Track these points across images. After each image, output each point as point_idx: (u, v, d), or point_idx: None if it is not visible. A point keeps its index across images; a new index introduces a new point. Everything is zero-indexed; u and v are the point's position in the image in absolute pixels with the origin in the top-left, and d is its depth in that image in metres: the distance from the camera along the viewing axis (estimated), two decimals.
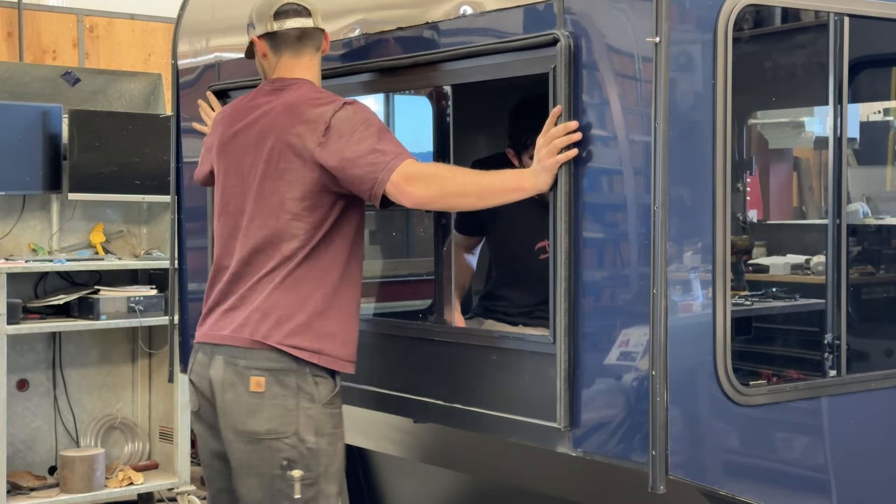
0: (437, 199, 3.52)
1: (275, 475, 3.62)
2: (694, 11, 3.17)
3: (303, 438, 3.60)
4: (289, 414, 3.60)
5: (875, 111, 6.62)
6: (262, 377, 3.60)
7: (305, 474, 3.61)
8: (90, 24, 8.43)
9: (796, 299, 4.77)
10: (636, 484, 3.17)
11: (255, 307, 3.64)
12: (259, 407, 3.61)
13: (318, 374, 3.63)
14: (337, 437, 3.69)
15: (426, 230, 4.65)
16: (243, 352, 3.63)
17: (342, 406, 3.73)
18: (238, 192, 3.74)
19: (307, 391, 3.61)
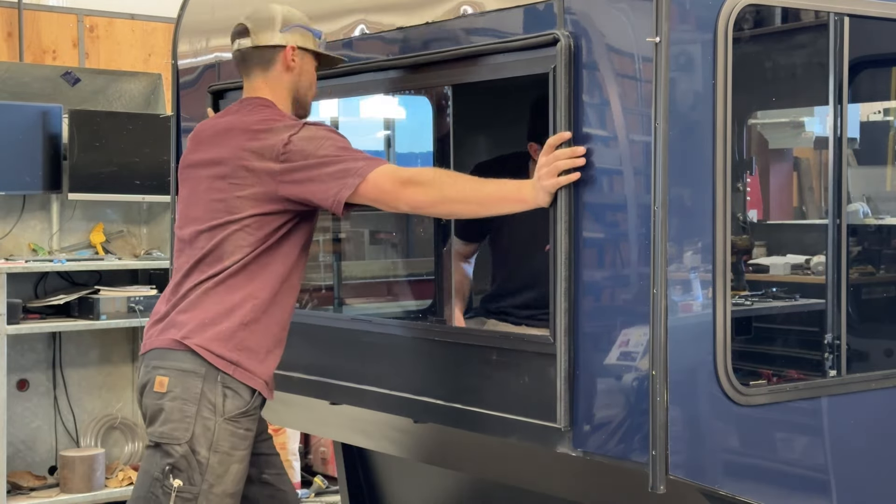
0: (436, 203, 3.47)
1: (155, 478, 3.53)
2: (694, 11, 3.17)
3: (195, 449, 3.50)
4: (186, 420, 3.51)
5: (875, 111, 6.62)
6: (166, 377, 3.53)
7: (185, 486, 3.49)
8: (90, 24, 8.43)
9: (796, 299, 4.77)
10: (636, 484, 3.17)
11: (182, 309, 3.59)
12: (158, 409, 3.54)
13: (230, 387, 3.53)
14: (232, 459, 3.54)
15: (426, 230, 4.65)
16: (161, 353, 3.58)
17: (249, 433, 3.59)
18: (191, 206, 3.71)
19: (211, 400, 3.51)
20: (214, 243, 3.59)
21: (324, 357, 4.30)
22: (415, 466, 4.78)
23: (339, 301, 4.88)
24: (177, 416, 3.51)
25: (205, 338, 3.53)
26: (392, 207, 3.55)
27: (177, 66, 4.89)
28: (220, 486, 3.53)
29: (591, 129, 3.29)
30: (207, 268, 3.59)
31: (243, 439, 3.58)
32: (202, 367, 3.53)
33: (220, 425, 3.52)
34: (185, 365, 3.54)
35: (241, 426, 3.56)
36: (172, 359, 3.56)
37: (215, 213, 3.61)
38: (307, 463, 7.52)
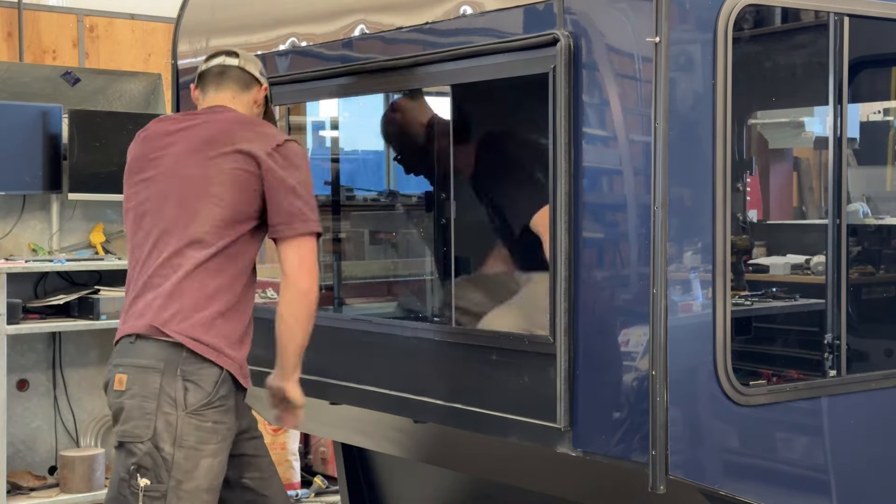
0: (311, 301, 3.69)
1: (122, 479, 3.50)
2: (694, 11, 3.17)
3: (158, 446, 3.47)
4: (146, 417, 3.48)
5: (875, 111, 6.62)
6: (125, 374, 3.53)
7: (152, 485, 3.46)
8: (90, 24, 8.42)
9: (796, 299, 4.77)
10: (636, 484, 3.17)
11: (157, 295, 3.60)
12: (119, 407, 3.54)
13: (190, 380, 3.50)
14: (201, 453, 3.50)
15: (426, 230, 4.65)
16: (123, 348, 3.59)
17: (220, 425, 3.55)
18: (164, 192, 3.70)
19: (170, 395, 3.48)
20: (196, 230, 3.60)
21: (324, 357, 4.30)
22: (415, 466, 4.78)
23: (339, 301, 4.88)
24: (137, 413, 3.49)
25: (187, 325, 3.53)
26: (290, 279, 3.65)
27: (177, 66, 4.89)
28: (190, 482, 3.48)
29: (591, 129, 3.29)
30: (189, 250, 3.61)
31: (212, 433, 3.52)
32: (160, 361, 3.50)
33: (183, 419, 3.47)
34: (143, 361, 3.51)
35: (206, 419, 3.50)
36: (132, 354, 3.54)
37: (199, 195, 3.63)
38: (307, 463, 7.52)
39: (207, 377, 3.52)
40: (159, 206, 3.66)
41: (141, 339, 3.55)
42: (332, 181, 5.00)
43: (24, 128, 6.65)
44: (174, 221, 3.62)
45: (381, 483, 5.09)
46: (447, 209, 4.14)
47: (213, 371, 3.53)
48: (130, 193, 3.79)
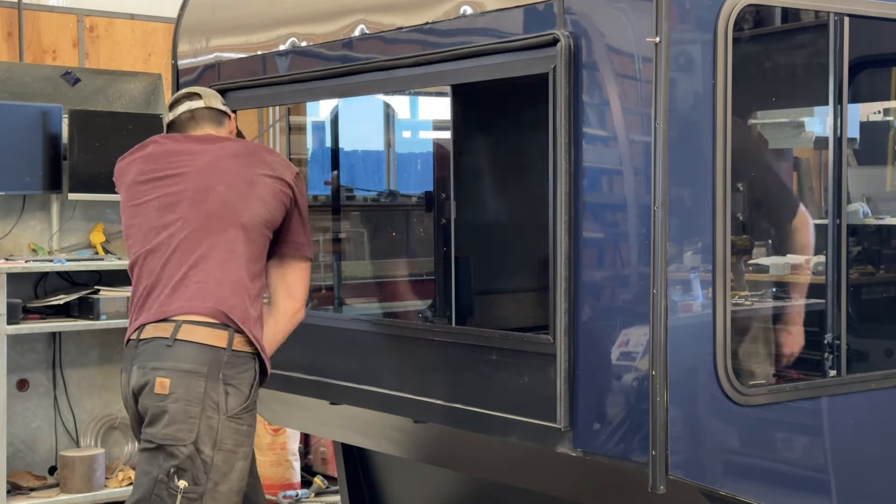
0: (298, 317, 3.89)
1: (160, 481, 3.53)
2: (694, 11, 3.17)
3: (199, 449, 3.53)
4: (190, 421, 3.53)
5: (875, 111, 6.61)
6: (167, 378, 3.55)
7: (190, 487, 3.51)
8: (90, 24, 8.42)
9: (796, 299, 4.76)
10: (636, 484, 3.17)
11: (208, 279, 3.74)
12: (161, 411, 3.55)
13: (231, 384, 3.58)
14: (237, 456, 3.58)
15: (426, 231, 4.65)
16: (157, 351, 3.65)
17: (253, 429, 3.64)
18: (207, 182, 3.76)
19: (214, 399, 3.54)
20: (238, 234, 3.72)
21: (324, 357, 4.30)
22: (415, 466, 4.78)
23: (339, 301, 4.88)
24: (181, 417, 3.53)
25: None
26: (290, 286, 3.86)
27: (177, 66, 4.89)
28: (225, 483, 3.55)
29: (591, 129, 3.29)
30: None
31: (247, 436, 3.60)
32: (203, 366, 3.54)
33: (224, 423, 3.54)
34: (186, 365, 3.54)
35: (243, 422, 3.59)
36: (171, 358, 3.56)
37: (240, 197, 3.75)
38: (307, 463, 7.52)
39: (246, 381, 3.61)
40: (202, 194, 3.74)
41: (179, 342, 3.59)
42: (332, 181, 5.00)
43: (24, 128, 6.65)
44: (224, 206, 3.71)
45: (381, 483, 5.09)
46: (447, 209, 4.14)
47: (249, 374, 3.63)
48: (146, 189, 3.83)
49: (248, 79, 4.38)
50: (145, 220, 3.77)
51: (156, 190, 3.78)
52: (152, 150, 3.89)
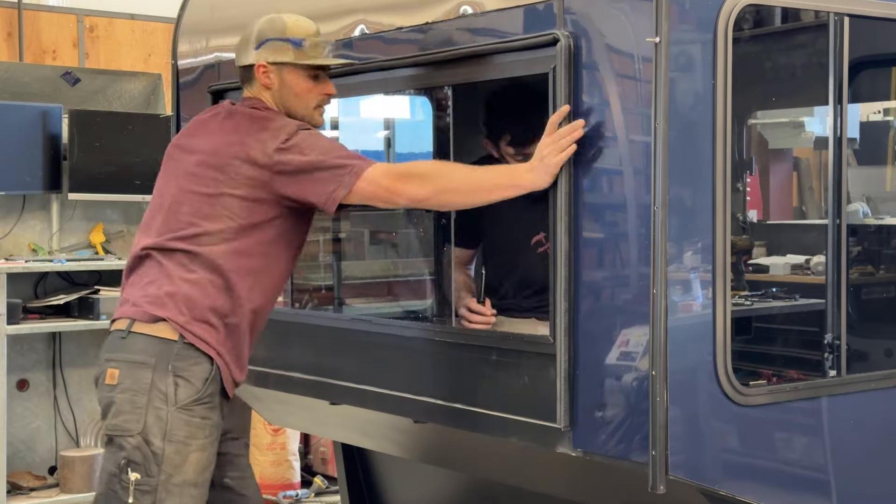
0: (432, 196, 3.50)
1: (112, 474, 3.50)
2: (694, 11, 3.17)
3: (148, 440, 3.47)
4: (137, 411, 3.48)
5: (875, 111, 6.62)
6: (117, 369, 3.52)
7: (142, 479, 3.46)
8: (90, 24, 8.42)
9: (796, 299, 4.77)
10: (636, 484, 3.17)
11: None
12: (110, 401, 3.52)
13: (181, 376, 3.50)
14: (190, 448, 3.51)
15: (426, 231, 4.65)
16: (113, 342, 3.59)
17: (209, 421, 3.55)
18: (173, 185, 3.72)
19: (161, 390, 3.48)
20: (198, 222, 3.59)
21: (324, 357, 4.30)
22: (415, 466, 4.78)
23: (339, 301, 4.88)
24: (127, 407, 3.48)
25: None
26: (390, 203, 3.57)
27: (177, 66, 4.89)
28: (179, 475, 3.49)
29: (591, 130, 3.29)
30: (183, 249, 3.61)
31: (200, 428, 3.52)
32: (151, 357, 3.50)
33: (173, 414, 3.48)
34: (135, 356, 3.51)
35: (195, 414, 3.51)
36: (122, 349, 3.54)
37: (203, 194, 3.62)
38: (307, 463, 7.52)
39: (198, 373, 3.53)
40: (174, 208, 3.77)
41: (133, 334, 3.55)
42: None
43: (24, 128, 6.66)
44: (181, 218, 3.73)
45: (381, 483, 5.09)
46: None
47: (202, 367, 3.54)
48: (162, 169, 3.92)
49: None
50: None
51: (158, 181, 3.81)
52: (193, 120, 3.84)
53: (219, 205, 3.58)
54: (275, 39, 3.70)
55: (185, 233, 3.60)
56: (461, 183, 3.50)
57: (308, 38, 3.71)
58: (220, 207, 3.58)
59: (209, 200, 3.59)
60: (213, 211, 3.58)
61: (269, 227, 3.60)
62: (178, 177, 3.71)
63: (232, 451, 3.84)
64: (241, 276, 3.58)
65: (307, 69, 3.71)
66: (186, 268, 3.57)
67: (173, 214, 3.65)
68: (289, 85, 3.71)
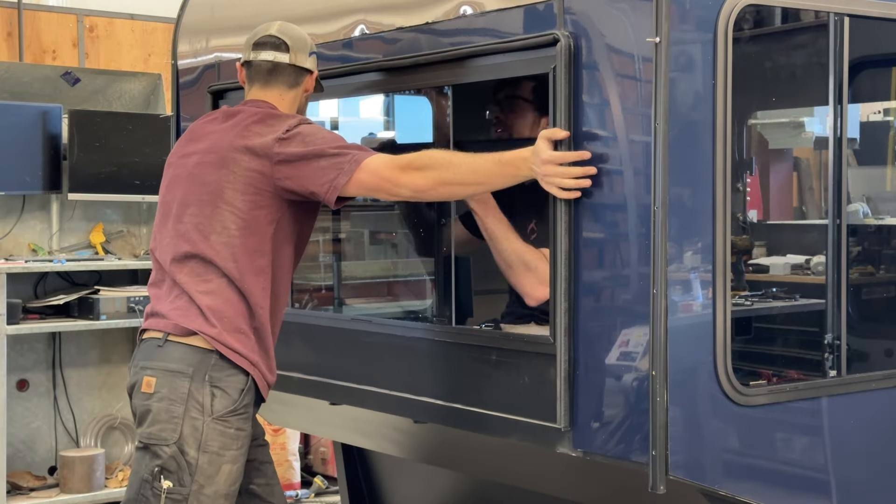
0: (436, 186, 3.48)
1: (144, 480, 3.51)
2: (694, 11, 3.17)
3: (183, 450, 3.49)
4: (173, 420, 3.49)
5: (875, 111, 6.62)
6: (154, 377, 3.53)
7: (175, 488, 3.48)
8: (90, 24, 8.43)
9: (796, 299, 4.77)
10: (636, 484, 3.17)
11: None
12: (146, 410, 3.53)
13: (218, 386, 3.52)
14: (223, 459, 3.52)
15: (426, 230, 4.65)
16: (149, 351, 3.59)
17: (242, 432, 3.57)
18: (177, 190, 3.72)
19: (198, 400, 3.50)
20: (203, 222, 3.60)
21: (324, 357, 4.30)
22: (415, 466, 4.78)
23: (339, 301, 4.88)
24: (164, 416, 3.50)
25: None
26: (392, 194, 3.56)
27: (177, 66, 4.89)
28: (210, 486, 3.51)
29: (591, 129, 3.29)
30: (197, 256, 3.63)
31: (234, 439, 3.55)
32: (189, 366, 3.51)
33: (209, 425, 3.50)
34: (172, 365, 3.52)
35: (230, 425, 3.54)
36: (159, 358, 3.55)
37: (207, 191, 3.62)
38: (307, 463, 7.52)
39: (234, 384, 3.55)
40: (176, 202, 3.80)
41: (170, 342, 3.57)
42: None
43: (24, 128, 6.65)
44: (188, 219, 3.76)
45: (381, 483, 5.09)
46: (447, 209, 4.14)
47: (239, 378, 3.57)
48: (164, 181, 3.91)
49: None
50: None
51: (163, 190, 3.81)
52: (190, 128, 3.84)
53: (222, 201, 3.58)
54: (315, 53, 3.84)
55: (193, 237, 3.61)
56: (464, 174, 3.49)
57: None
58: (224, 204, 3.58)
59: (212, 199, 3.59)
60: (216, 210, 3.59)
61: (272, 222, 3.60)
62: (180, 181, 3.71)
63: (259, 457, 3.84)
64: (254, 276, 3.59)
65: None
66: (202, 277, 3.58)
67: (179, 219, 3.67)
68: (308, 90, 3.85)
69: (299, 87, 3.79)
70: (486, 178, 3.50)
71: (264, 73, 3.77)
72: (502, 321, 4.09)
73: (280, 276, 3.67)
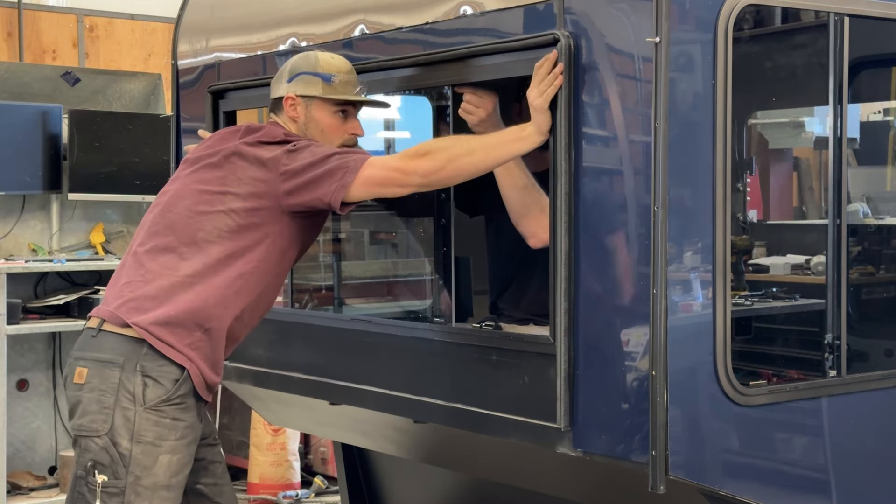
0: (446, 165, 3.44)
1: (79, 476, 3.45)
2: (694, 11, 3.17)
3: (115, 441, 3.41)
4: (104, 411, 3.42)
5: (875, 111, 6.62)
6: (85, 368, 3.47)
7: (110, 481, 3.40)
8: (90, 24, 8.43)
9: (796, 299, 4.77)
10: (636, 484, 3.17)
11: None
12: (77, 401, 3.47)
13: (150, 376, 3.44)
14: (160, 449, 3.44)
15: (426, 230, 4.65)
16: (83, 342, 3.55)
17: (180, 422, 3.48)
18: (176, 184, 3.71)
19: (129, 389, 3.42)
20: (195, 222, 3.57)
21: (324, 357, 4.30)
22: (415, 466, 4.78)
23: (339, 301, 4.88)
24: (94, 407, 3.43)
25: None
26: (403, 184, 3.49)
27: (177, 66, 4.89)
28: (148, 477, 3.42)
29: (591, 129, 3.29)
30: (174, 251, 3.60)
31: (171, 429, 3.45)
32: (120, 356, 3.45)
33: (141, 415, 3.42)
34: (103, 355, 3.46)
35: (165, 415, 3.44)
36: (91, 348, 3.50)
37: (205, 191, 3.60)
38: (307, 463, 7.52)
39: (168, 374, 3.46)
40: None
41: (103, 332, 3.51)
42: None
43: (24, 128, 6.66)
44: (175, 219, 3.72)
45: (381, 483, 5.09)
46: (447, 209, 4.14)
47: (173, 368, 3.48)
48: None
49: (248, 79, 4.37)
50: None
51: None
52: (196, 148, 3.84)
53: (220, 202, 3.55)
54: (306, 73, 3.70)
55: (179, 229, 3.57)
56: (470, 146, 3.48)
57: (339, 74, 3.72)
58: (221, 204, 3.55)
59: (211, 199, 3.57)
60: (212, 208, 3.56)
61: (266, 234, 3.56)
62: (182, 178, 3.70)
63: (207, 456, 3.75)
64: (231, 279, 3.53)
65: (334, 104, 3.71)
66: (173, 270, 3.52)
67: (169, 209, 3.63)
68: (315, 119, 3.71)
69: (282, 117, 3.71)
70: (491, 144, 3.48)
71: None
72: (499, 317, 4.09)
73: (264, 285, 3.61)
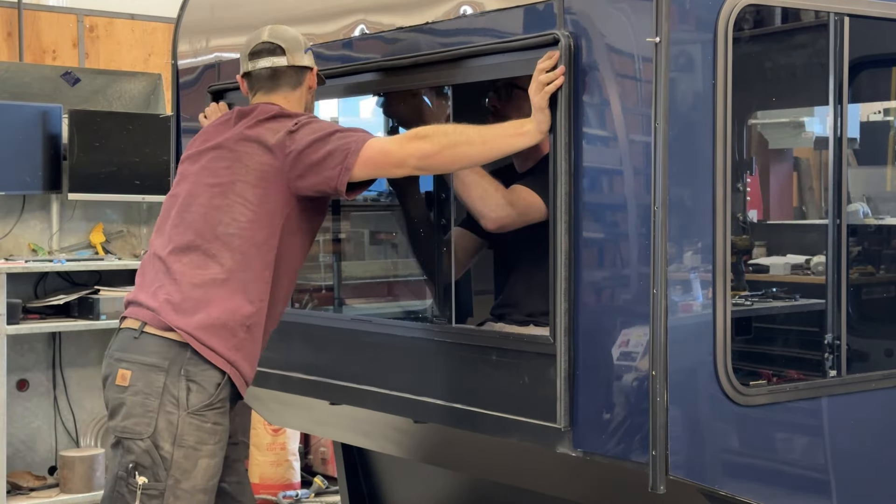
0: (443, 150, 3.47)
1: (119, 477, 3.48)
2: (694, 11, 3.17)
3: (158, 444, 3.45)
4: (148, 414, 3.46)
5: (875, 111, 6.61)
6: (129, 371, 3.49)
7: (150, 483, 3.44)
8: (90, 24, 8.42)
9: (796, 299, 4.77)
10: (636, 484, 3.17)
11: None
12: (120, 403, 3.50)
13: (194, 380, 3.48)
14: (200, 453, 3.49)
15: (426, 230, 4.65)
16: (124, 343, 3.57)
17: (220, 427, 3.53)
18: (187, 183, 3.71)
19: (173, 394, 3.47)
20: (210, 215, 3.59)
21: (324, 357, 4.30)
22: (415, 466, 4.78)
23: (339, 301, 4.88)
24: (139, 410, 3.47)
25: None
26: (402, 166, 3.53)
27: (177, 66, 4.89)
28: (188, 481, 3.47)
29: (591, 129, 3.29)
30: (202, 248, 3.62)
31: (211, 433, 3.51)
32: (165, 360, 3.48)
33: (184, 419, 3.46)
34: (148, 358, 3.49)
35: (206, 420, 3.50)
36: (135, 350, 3.51)
37: (217, 181, 3.62)
38: (307, 463, 7.52)
39: (210, 378, 3.51)
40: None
41: (146, 335, 3.53)
42: None
43: (24, 128, 6.66)
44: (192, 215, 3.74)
45: (381, 483, 5.09)
46: (447, 209, 4.14)
47: (215, 373, 3.52)
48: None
49: None
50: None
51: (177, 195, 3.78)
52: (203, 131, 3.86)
53: (233, 193, 3.58)
54: (311, 50, 3.85)
55: (200, 227, 3.59)
56: (469, 135, 3.50)
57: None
58: (235, 196, 3.58)
59: (223, 191, 3.59)
60: (226, 202, 3.58)
61: (282, 217, 3.60)
62: (190, 176, 3.71)
63: (231, 455, 3.79)
64: (259, 270, 3.57)
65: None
66: (201, 269, 3.55)
67: (186, 208, 3.65)
68: (313, 91, 3.86)
69: (302, 86, 3.80)
70: (490, 136, 3.51)
71: (266, 79, 3.78)
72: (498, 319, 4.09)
73: (285, 272, 3.66)
